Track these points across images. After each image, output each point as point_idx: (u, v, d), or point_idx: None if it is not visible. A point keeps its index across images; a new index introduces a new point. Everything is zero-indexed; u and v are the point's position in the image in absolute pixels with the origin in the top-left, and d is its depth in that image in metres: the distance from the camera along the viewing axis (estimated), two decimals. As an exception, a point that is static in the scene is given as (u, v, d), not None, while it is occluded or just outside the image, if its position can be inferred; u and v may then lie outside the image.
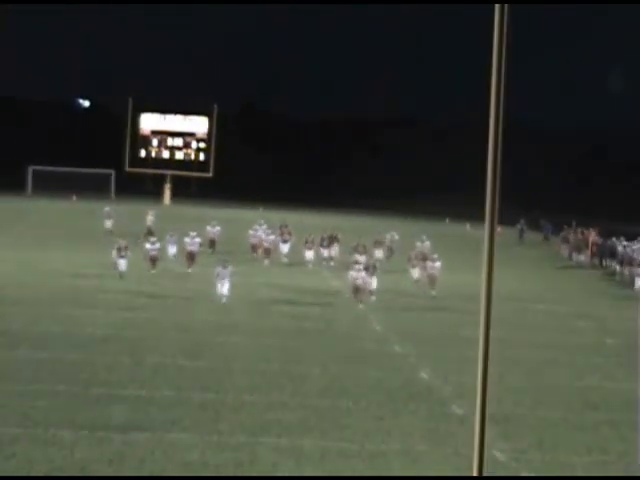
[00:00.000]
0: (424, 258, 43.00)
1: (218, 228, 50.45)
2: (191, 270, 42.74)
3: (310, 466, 18.34)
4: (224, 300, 34.83)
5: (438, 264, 40.23)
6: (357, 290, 36.09)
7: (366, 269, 37.50)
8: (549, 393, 25.26)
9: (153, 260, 41.83)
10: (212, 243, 49.11)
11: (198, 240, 45.10)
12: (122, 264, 39.64)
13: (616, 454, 20.46)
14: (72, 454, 18.17)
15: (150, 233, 49.74)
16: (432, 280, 39.90)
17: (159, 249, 42.81)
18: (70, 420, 20.11)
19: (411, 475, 18.10)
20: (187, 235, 44.71)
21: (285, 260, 48.13)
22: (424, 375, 26.39)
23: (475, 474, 4.21)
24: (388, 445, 19.79)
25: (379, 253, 48.90)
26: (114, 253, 40.32)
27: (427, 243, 50.67)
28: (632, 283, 48.00)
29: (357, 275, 36.38)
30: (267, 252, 47.45)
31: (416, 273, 42.47)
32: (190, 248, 43.91)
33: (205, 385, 23.72)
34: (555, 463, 19.42)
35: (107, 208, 60.34)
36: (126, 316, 31.90)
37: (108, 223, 58.24)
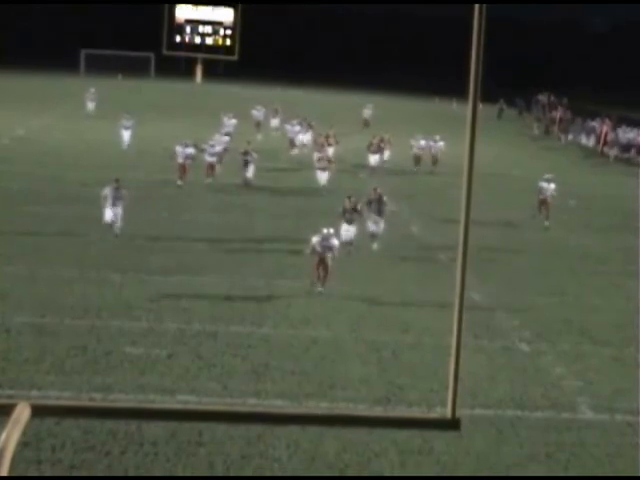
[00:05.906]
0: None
1: (234, 120, 42.59)
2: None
3: (317, 304, 18.49)
4: (117, 231, 22.80)
5: (553, 186, 29.04)
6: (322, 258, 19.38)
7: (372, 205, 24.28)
8: (518, 244, 25.31)
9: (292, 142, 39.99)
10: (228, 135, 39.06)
11: (262, 111, 46.41)
12: (250, 171, 31.48)
13: (573, 296, 20.60)
14: (120, 293, 18.36)
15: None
16: (546, 206, 28.57)
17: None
18: (118, 265, 20.25)
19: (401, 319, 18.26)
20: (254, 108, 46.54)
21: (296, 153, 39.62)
22: (415, 229, 26.40)
23: (456, 314, 4.13)
24: (384, 290, 19.90)
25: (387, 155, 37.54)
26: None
27: (441, 144, 38.23)
28: (599, 153, 47.63)
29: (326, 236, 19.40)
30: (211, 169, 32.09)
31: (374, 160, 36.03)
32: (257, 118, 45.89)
33: (230, 237, 23.77)
34: (521, 302, 19.57)
35: (92, 89, 51.07)
36: (164, 178, 31.65)
37: (90, 105, 50.07)
